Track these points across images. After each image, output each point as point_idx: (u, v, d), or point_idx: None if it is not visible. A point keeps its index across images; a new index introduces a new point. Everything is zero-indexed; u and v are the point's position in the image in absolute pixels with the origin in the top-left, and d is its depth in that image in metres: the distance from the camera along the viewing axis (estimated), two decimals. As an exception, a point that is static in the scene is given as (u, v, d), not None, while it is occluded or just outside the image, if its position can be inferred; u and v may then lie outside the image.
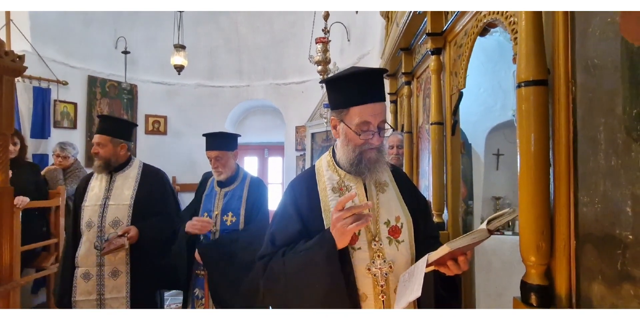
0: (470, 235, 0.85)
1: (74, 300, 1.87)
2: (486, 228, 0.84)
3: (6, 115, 1.63)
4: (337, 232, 0.94)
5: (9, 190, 1.66)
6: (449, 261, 0.92)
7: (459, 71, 1.46)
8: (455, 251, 0.87)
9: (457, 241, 0.86)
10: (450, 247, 0.85)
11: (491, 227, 0.84)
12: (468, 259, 0.93)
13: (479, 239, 0.85)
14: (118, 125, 2.06)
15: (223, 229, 1.93)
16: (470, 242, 0.85)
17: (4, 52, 1.60)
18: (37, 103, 3.81)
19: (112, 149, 1.97)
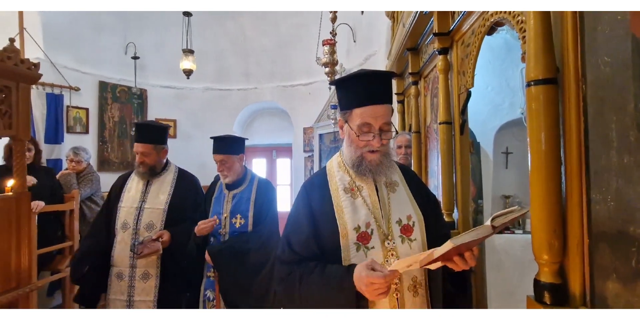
0: (475, 231, 0.85)
1: (108, 298, 1.92)
2: (490, 224, 0.84)
3: (23, 122, 1.67)
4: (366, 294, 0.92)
5: (26, 195, 1.71)
6: (456, 257, 0.92)
7: (466, 70, 1.46)
8: (460, 246, 0.87)
9: (461, 237, 0.87)
10: (454, 243, 0.86)
11: (496, 224, 0.84)
12: (475, 254, 0.94)
13: (482, 235, 0.85)
14: (156, 131, 2.07)
15: (232, 231, 1.96)
16: (474, 238, 0.85)
17: (19, 60, 1.65)
18: (51, 109, 3.90)
19: (156, 156, 2.01)
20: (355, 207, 1.07)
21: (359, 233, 1.04)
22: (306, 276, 1.02)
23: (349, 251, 1.03)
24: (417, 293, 1.07)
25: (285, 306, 1.09)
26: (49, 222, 3.07)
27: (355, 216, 1.06)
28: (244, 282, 1.84)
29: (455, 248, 0.86)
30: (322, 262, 1.04)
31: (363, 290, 0.91)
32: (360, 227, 1.05)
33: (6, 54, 1.57)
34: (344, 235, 1.04)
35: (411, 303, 1.05)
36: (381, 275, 0.88)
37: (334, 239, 1.04)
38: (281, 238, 1.16)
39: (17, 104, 1.63)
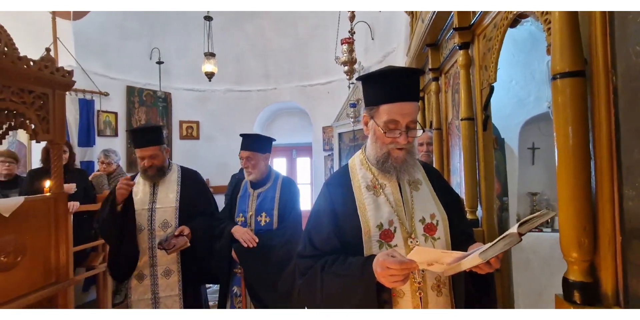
0: (502, 242, 0.83)
1: (130, 300, 1.99)
2: (517, 232, 0.82)
3: (59, 127, 1.78)
4: (382, 280, 0.92)
5: (63, 196, 1.81)
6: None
7: (489, 65, 1.43)
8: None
9: (489, 251, 0.84)
10: (483, 258, 0.84)
11: (522, 231, 0.82)
12: (499, 257, 0.92)
13: (511, 245, 0.83)
14: (155, 132, 2.09)
15: (257, 229, 2.00)
16: (504, 250, 0.84)
17: (55, 68, 1.75)
18: (83, 114, 4.10)
19: (163, 156, 2.05)
20: (378, 204, 1.08)
21: (382, 231, 1.05)
22: (328, 267, 1.03)
23: (371, 249, 1.03)
24: (440, 293, 1.06)
25: (308, 298, 1.11)
26: (83, 221, 3.24)
27: (378, 214, 1.06)
28: (269, 278, 1.88)
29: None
30: (344, 254, 1.06)
31: (379, 273, 0.91)
32: (382, 225, 1.05)
33: (43, 63, 1.67)
34: (366, 232, 1.04)
35: (434, 303, 1.05)
36: (397, 261, 0.88)
37: (356, 236, 1.05)
38: (303, 235, 1.18)
39: (53, 109, 1.73)
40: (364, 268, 0.95)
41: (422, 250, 0.89)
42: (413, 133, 1.04)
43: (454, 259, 0.90)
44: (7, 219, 1.49)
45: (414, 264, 0.88)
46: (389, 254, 0.91)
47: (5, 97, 1.51)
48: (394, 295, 1.03)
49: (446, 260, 0.91)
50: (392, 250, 0.94)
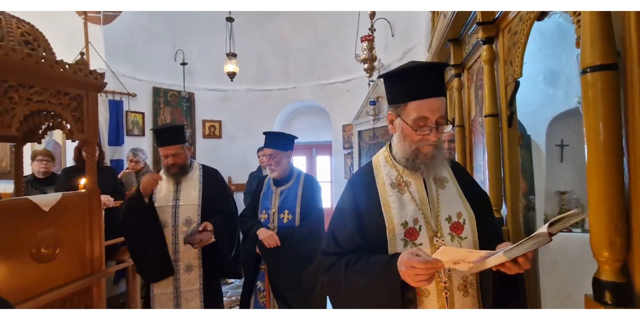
0: (530, 242, 0.81)
1: (152, 294, 2.07)
2: (547, 232, 0.79)
3: (92, 127, 1.87)
4: (406, 279, 0.92)
5: (97, 192, 1.90)
6: (508, 262, 0.88)
7: (514, 59, 1.39)
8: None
9: (515, 249, 0.83)
10: (507, 256, 0.83)
11: (553, 231, 0.79)
12: (529, 258, 0.90)
13: (539, 245, 0.80)
14: (178, 131, 2.16)
15: (280, 226, 2.04)
16: (530, 249, 0.82)
17: (88, 71, 1.84)
18: (112, 114, 4.28)
19: (185, 155, 2.13)
20: (403, 202, 1.07)
21: (407, 229, 1.04)
22: (352, 264, 1.03)
23: (396, 247, 1.03)
24: (467, 293, 1.05)
25: (332, 295, 1.12)
26: (113, 217, 3.40)
27: (403, 212, 1.05)
28: (292, 275, 1.92)
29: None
30: (367, 252, 1.06)
31: (403, 272, 0.91)
32: (407, 223, 1.04)
33: (78, 66, 1.77)
34: (390, 230, 1.04)
35: (461, 303, 1.03)
36: (422, 260, 0.87)
37: (381, 235, 1.04)
38: (327, 232, 1.18)
39: (87, 110, 1.82)
40: (389, 266, 0.95)
41: (448, 250, 0.88)
42: (443, 129, 1.03)
43: (480, 258, 0.89)
44: (46, 213, 1.59)
45: (439, 263, 0.87)
46: (413, 253, 0.91)
47: (45, 99, 1.61)
48: (418, 295, 1.02)
49: (472, 259, 0.90)
50: (417, 249, 0.94)
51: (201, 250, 2.07)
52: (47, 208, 1.59)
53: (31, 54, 1.52)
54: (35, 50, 1.61)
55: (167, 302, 2.05)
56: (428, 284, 0.92)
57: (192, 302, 2.07)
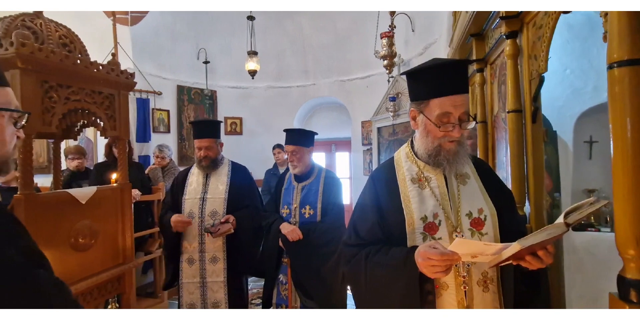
0: (545, 231, 0.81)
1: (181, 282, 2.17)
2: (564, 222, 0.79)
3: (124, 124, 1.97)
4: (424, 270, 0.94)
5: (128, 186, 2.01)
6: (528, 256, 0.89)
7: (538, 54, 1.37)
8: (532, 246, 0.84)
9: (530, 238, 0.83)
10: (521, 244, 0.82)
11: (569, 221, 0.79)
12: (551, 252, 0.89)
13: (555, 235, 0.80)
14: (214, 126, 2.27)
15: (302, 221, 2.09)
16: (545, 239, 0.81)
17: (120, 71, 1.94)
18: (140, 112, 4.45)
19: (217, 149, 2.23)
20: (423, 197, 1.08)
21: (426, 223, 1.06)
22: (372, 255, 1.07)
23: (415, 240, 1.05)
24: (487, 288, 1.05)
25: (353, 284, 1.16)
26: (141, 210, 3.55)
27: (423, 206, 1.07)
28: (313, 267, 1.96)
29: (527, 248, 0.84)
30: (388, 245, 1.08)
31: (420, 264, 0.93)
32: (427, 218, 1.06)
33: (110, 66, 1.86)
34: (409, 224, 1.06)
35: (480, 298, 1.04)
36: (438, 252, 0.89)
37: (400, 228, 1.07)
38: (348, 224, 1.22)
39: (119, 108, 1.92)
40: (407, 258, 0.98)
41: (464, 242, 0.89)
42: (466, 125, 1.03)
43: (497, 251, 0.90)
44: (83, 206, 1.70)
45: (455, 255, 0.88)
46: (430, 246, 0.93)
47: (81, 98, 1.71)
48: (437, 287, 1.04)
49: (490, 251, 0.90)
50: (435, 242, 0.96)
51: (226, 243, 2.15)
52: (84, 200, 1.70)
53: (68, 55, 1.61)
54: (71, 52, 1.71)
55: (195, 291, 2.15)
56: (445, 276, 0.93)
57: (217, 293, 2.15)
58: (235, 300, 2.18)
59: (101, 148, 3.89)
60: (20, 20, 1.58)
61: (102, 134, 1.91)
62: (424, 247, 0.94)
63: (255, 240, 2.20)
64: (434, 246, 0.92)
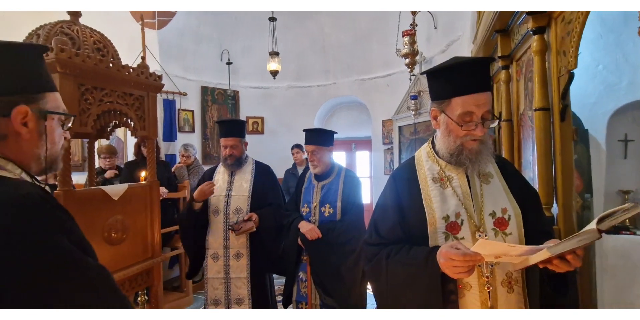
0: (576, 238, 0.78)
1: (206, 277, 2.24)
2: (596, 228, 0.76)
3: (152, 124, 2.06)
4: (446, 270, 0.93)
5: (157, 184, 2.10)
6: (555, 260, 0.86)
7: (568, 50, 1.32)
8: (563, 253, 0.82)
9: (560, 245, 0.81)
10: (551, 252, 0.80)
11: (602, 227, 0.75)
12: (580, 255, 0.86)
13: (586, 242, 0.77)
14: (239, 126, 2.34)
15: (322, 219, 2.11)
16: (576, 246, 0.79)
17: (149, 74, 2.03)
18: (166, 112, 4.62)
19: (241, 148, 2.30)
20: (445, 196, 1.08)
21: (448, 223, 1.05)
22: (393, 254, 1.07)
23: (437, 240, 1.04)
24: (512, 289, 1.04)
25: (374, 283, 1.16)
26: (167, 207, 3.69)
27: (445, 206, 1.06)
28: (333, 266, 1.98)
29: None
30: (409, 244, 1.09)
31: (442, 264, 0.93)
32: (449, 217, 1.05)
33: (140, 69, 1.95)
34: (431, 223, 1.05)
35: (505, 299, 1.02)
36: (460, 253, 0.88)
37: (422, 228, 1.06)
38: (369, 224, 1.23)
39: (148, 109, 2.01)
40: (428, 258, 0.98)
41: (486, 243, 0.88)
42: (489, 123, 1.02)
43: (522, 252, 0.88)
44: (115, 202, 1.80)
45: (478, 256, 0.87)
46: (452, 246, 0.93)
47: (113, 99, 1.80)
48: (460, 287, 1.03)
49: (514, 253, 0.89)
50: (457, 242, 0.95)
51: (249, 240, 2.20)
52: (116, 197, 1.79)
53: (102, 59, 1.70)
54: (105, 56, 1.80)
55: (219, 287, 2.21)
56: (468, 276, 0.93)
57: (240, 289, 2.21)
58: (258, 297, 2.22)
59: (131, 147, 4.06)
60: (58, 27, 1.68)
61: (132, 134, 2.00)
62: (445, 247, 0.93)
63: (276, 238, 2.24)
64: (456, 246, 0.92)
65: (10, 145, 0.72)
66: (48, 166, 0.78)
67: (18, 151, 0.73)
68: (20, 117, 0.71)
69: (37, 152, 0.75)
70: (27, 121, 0.72)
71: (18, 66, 0.73)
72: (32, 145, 0.75)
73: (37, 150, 0.75)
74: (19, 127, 0.72)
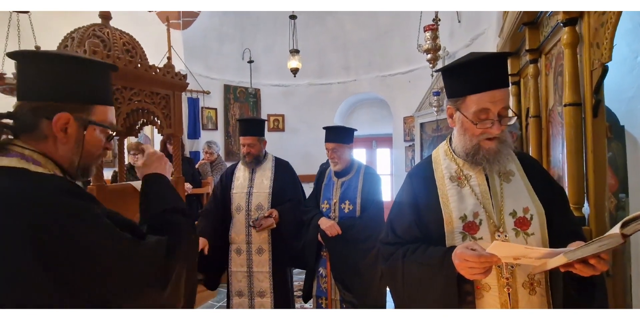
0: (597, 243, 0.74)
1: (230, 271, 2.31)
2: (620, 233, 0.71)
3: (177, 122, 2.13)
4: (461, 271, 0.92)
5: (182, 180, 2.17)
6: (578, 264, 0.82)
7: (601, 42, 1.26)
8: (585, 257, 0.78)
9: (579, 250, 0.76)
10: (568, 258, 0.77)
11: (627, 232, 0.71)
12: (605, 259, 0.81)
13: (608, 247, 0.73)
14: (258, 125, 2.39)
15: (342, 216, 2.13)
16: (597, 252, 0.75)
17: (174, 73, 2.09)
18: (190, 110, 4.76)
19: (260, 147, 2.35)
20: (462, 196, 1.05)
21: (466, 222, 1.03)
22: (409, 253, 1.06)
23: (454, 240, 1.03)
24: (534, 291, 1.00)
25: (390, 283, 1.16)
26: (192, 202, 3.81)
27: (462, 205, 1.04)
28: (352, 261, 1.99)
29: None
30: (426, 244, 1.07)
31: (457, 265, 0.91)
32: (466, 217, 1.03)
33: (166, 69, 2.02)
34: (448, 223, 1.04)
35: (526, 301, 0.99)
36: (476, 254, 0.86)
37: (438, 228, 1.05)
38: (386, 223, 1.22)
39: (174, 108, 2.08)
40: (444, 258, 0.96)
41: (501, 245, 0.85)
42: (506, 121, 0.99)
43: (541, 255, 0.85)
44: (143, 197, 1.87)
45: (494, 257, 0.85)
46: (468, 247, 0.91)
47: (141, 98, 1.87)
48: (478, 288, 1.01)
49: (533, 255, 0.86)
50: (473, 243, 0.93)
51: (271, 236, 2.25)
52: (144, 192, 1.86)
53: (131, 60, 1.78)
54: (133, 57, 1.87)
55: (242, 280, 2.28)
56: (484, 277, 0.91)
57: (262, 282, 2.27)
58: (279, 290, 2.27)
59: (157, 144, 4.21)
60: (91, 30, 1.76)
61: (159, 132, 2.08)
62: (460, 248, 0.92)
63: (296, 233, 2.27)
64: (472, 247, 0.90)
65: (49, 146, 0.78)
66: (80, 172, 0.84)
67: (54, 153, 0.78)
68: (60, 122, 0.77)
69: (72, 158, 0.81)
70: (67, 127, 0.78)
71: (73, 77, 0.79)
72: (68, 151, 0.80)
73: (72, 156, 0.81)
74: (58, 132, 0.77)
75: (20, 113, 0.77)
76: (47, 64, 0.77)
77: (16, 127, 0.76)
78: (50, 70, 0.77)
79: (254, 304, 2.27)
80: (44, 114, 0.76)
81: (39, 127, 0.76)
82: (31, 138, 0.76)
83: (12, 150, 0.74)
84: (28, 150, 0.75)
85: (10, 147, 0.74)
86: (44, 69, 0.77)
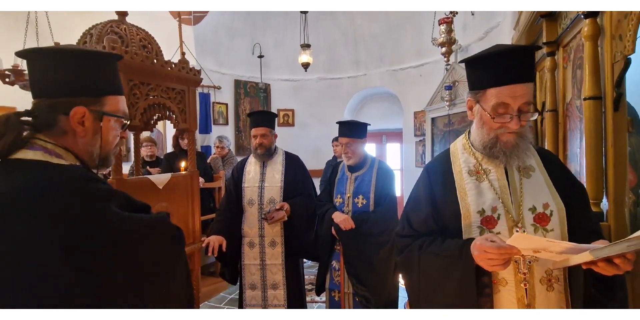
0: (626, 243, 0.73)
1: (243, 264, 2.35)
2: None
3: (192, 117, 2.16)
4: (480, 263, 0.92)
5: (196, 173, 2.21)
6: (601, 262, 0.81)
7: (625, 33, 1.23)
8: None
9: (606, 249, 0.76)
10: (594, 255, 0.76)
11: None
12: (630, 259, 0.80)
13: (637, 247, 0.72)
14: (270, 117, 2.41)
15: (355, 210, 2.13)
16: (624, 251, 0.74)
17: (189, 69, 2.11)
18: (202, 105, 4.80)
19: (271, 138, 2.37)
20: (481, 190, 1.05)
21: (483, 217, 1.02)
22: (426, 245, 1.06)
23: (471, 234, 1.02)
24: (551, 287, 0.99)
25: (405, 275, 1.17)
26: (204, 196, 3.86)
27: (480, 199, 1.04)
28: (365, 255, 2.01)
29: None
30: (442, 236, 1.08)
31: (476, 256, 0.91)
32: (484, 211, 1.02)
33: (181, 64, 2.04)
34: (465, 217, 1.03)
35: (544, 297, 0.99)
36: (495, 246, 0.86)
37: (455, 221, 1.05)
38: (402, 215, 1.22)
39: (188, 103, 2.11)
40: (463, 249, 0.96)
41: (523, 237, 0.84)
42: (526, 117, 0.97)
43: (563, 250, 0.84)
44: (160, 190, 1.92)
45: (514, 249, 0.85)
46: (487, 238, 0.91)
47: (158, 94, 1.90)
48: (495, 283, 1.01)
49: (555, 249, 0.85)
50: (492, 235, 0.93)
51: (283, 229, 2.28)
52: (161, 186, 1.91)
53: (148, 56, 1.80)
54: (149, 53, 1.90)
55: (256, 272, 2.32)
56: (503, 269, 0.90)
57: (275, 275, 2.30)
58: (292, 282, 2.31)
59: (170, 139, 4.27)
60: (109, 27, 1.79)
61: (174, 126, 2.11)
62: (480, 240, 0.91)
63: (308, 225, 2.29)
64: (492, 239, 0.90)
65: (69, 140, 0.80)
66: (100, 163, 0.87)
67: (75, 146, 0.81)
68: (77, 116, 0.79)
69: (91, 149, 0.83)
70: (84, 121, 0.80)
71: (83, 71, 0.80)
72: (87, 143, 0.82)
73: (91, 148, 0.83)
74: (76, 126, 0.79)
75: (38, 111, 0.79)
76: (55, 60, 0.79)
77: (37, 124, 0.79)
78: (59, 66, 0.78)
79: (267, 296, 2.31)
80: (61, 110, 0.78)
81: (58, 123, 0.79)
82: (52, 135, 0.79)
83: (36, 144, 0.76)
84: (51, 144, 0.77)
85: (34, 141, 0.77)
86: (53, 65, 0.78)
